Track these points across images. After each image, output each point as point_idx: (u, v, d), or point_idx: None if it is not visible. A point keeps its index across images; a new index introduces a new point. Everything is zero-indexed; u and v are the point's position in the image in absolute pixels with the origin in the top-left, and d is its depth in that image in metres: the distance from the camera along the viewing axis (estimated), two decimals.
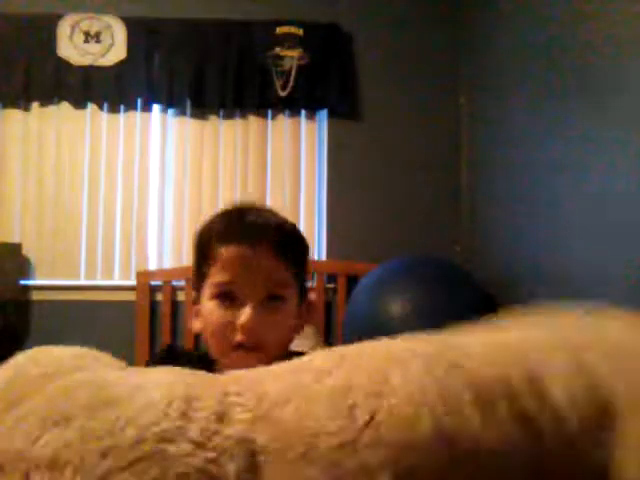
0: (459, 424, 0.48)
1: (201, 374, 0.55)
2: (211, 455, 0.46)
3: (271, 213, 0.96)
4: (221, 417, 0.48)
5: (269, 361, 0.59)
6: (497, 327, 0.65)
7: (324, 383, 0.51)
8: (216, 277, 0.88)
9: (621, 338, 0.60)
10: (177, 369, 0.56)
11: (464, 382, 0.51)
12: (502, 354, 0.57)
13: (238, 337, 0.85)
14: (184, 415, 0.48)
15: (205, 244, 0.91)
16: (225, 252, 0.88)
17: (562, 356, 0.56)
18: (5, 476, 0.46)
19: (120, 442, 0.46)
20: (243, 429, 0.47)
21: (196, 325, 0.93)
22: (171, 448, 0.45)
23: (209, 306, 0.88)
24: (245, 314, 0.85)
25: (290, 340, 0.94)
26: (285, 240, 0.91)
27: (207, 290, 0.89)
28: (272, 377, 0.53)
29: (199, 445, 0.46)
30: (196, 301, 0.93)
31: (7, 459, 0.47)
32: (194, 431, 0.47)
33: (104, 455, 0.45)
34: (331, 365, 0.54)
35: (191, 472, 0.45)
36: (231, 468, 0.46)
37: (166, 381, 0.52)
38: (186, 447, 0.46)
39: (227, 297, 0.87)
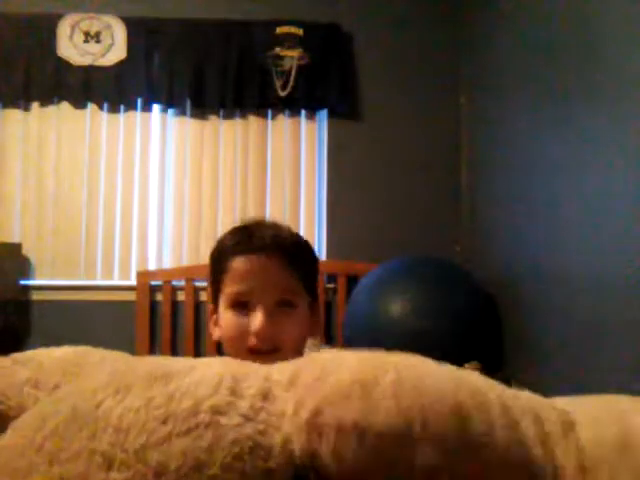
0: None
1: (245, 362, 0.61)
2: (260, 427, 0.51)
3: (280, 227, 1.02)
4: (266, 396, 0.53)
5: None
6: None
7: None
8: (230, 288, 0.96)
9: None
10: (225, 358, 0.62)
11: None
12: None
13: (252, 341, 0.92)
14: (233, 392, 0.53)
15: (219, 258, 1.00)
16: (236, 264, 0.96)
17: None
18: (76, 432, 0.52)
19: (177, 411, 0.51)
20: (285, 406, 0.52)
21: (216, 333, 1.01)
22: (223, 419, 0.51)
23: (226, 316, 0.96)
24: (257, 320, 0.92)
25: (304, 343, 0.99)
26: (293, 251, 0.97)
27: (223, 301, 0.97)
28: (308, 361, 0.58)
29: (248, 418, 0.51)
30: (214, 311, 1.01)
31: (75, 419, 0.53)
32: (243, 407, 0.52)
33: (164, 421, 0.50)
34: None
35: (243, 439, 0.50)
36: (278, 439, 0.50)
37: (216, 364, 0.58)
38: (237, 419, 0.51)
39: (241, 306, 0.94)
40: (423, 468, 0.47)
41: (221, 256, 0.99)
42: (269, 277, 0.94)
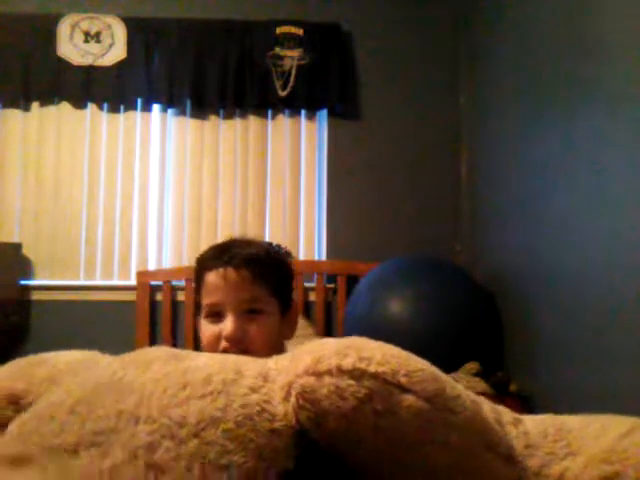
0: None
1: (244, 356, 0.71)
2: (264, 397, 0.59)
3: (251, 243, 1.14)
4: (265, 377, 0.62)
5: None
6: None
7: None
8: (205, 300, 1.09)
9: None
10: (225, 354, 0.73)
11: None
12: None
13: (224, 345, 1.03)
14: (237, 372, 0.62)
15: (197, 273, 1.15)
16: (210, 278, 1.09)
17: None
18: (103, 398, 0.60)
19: (193, 380, 0.60)
20: (282, 385, 0.60)
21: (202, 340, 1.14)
22: (232, 389, 0.59)
23: (203, 324, 1.10)
24: (227, 326, 1.03)
25: (277, 345, 1.09)
26: (260, 264, 1.08)
27: (202, 312, 1.10)
28: (295, 354, 0.67)
29: (253, 390, 0.60)
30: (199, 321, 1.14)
31: (100, 389, 0.62)
32: (247, 381, 0.61)
33: (184, 387, 0.59)
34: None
35: (251, 404, 0.58)
36: (281, 409, 0.58)
37: (219, 355, 0.70)
38: (244, 390, 0.59)
39: (216, 315, 1.07)
40: (409, 412, 0.55)
41: (198, 271, 1.14)
42: (237, 288, 1.06)
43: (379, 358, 0.58)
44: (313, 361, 0.58)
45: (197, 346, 2.93)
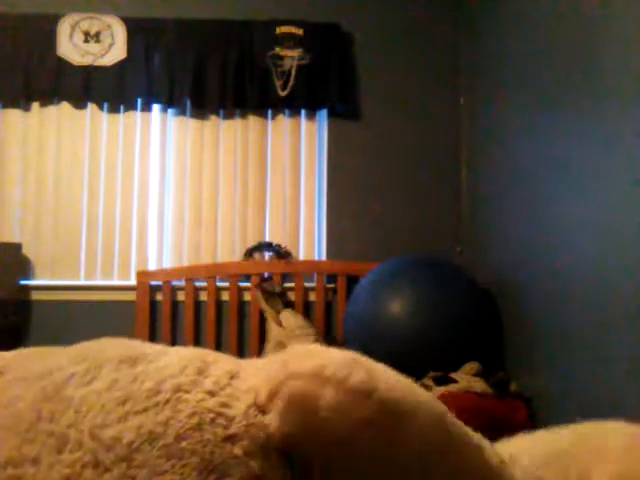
0: None
1: (219, 353, 0.66)
2: (223, 399, 0.55)
3: None
4: (234, 375, 0.58)
5: None
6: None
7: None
8: None
9: None
10: (200, 349, 0.67)
11: None
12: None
13: None
14: (200, 372, 0.57)
15: None
16: None
17: None
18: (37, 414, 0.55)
19: (138, 392, 0.54)
20: (252, 383, 0.57)
21: None
22: (185, 396, 0.54)
23: None
24: None
25: None
26: None
27: None
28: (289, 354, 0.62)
29: (212, 394, 0.55)
30: None
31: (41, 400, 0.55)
32: (208, 384, 0.56)
33: (124, 401, 0.54)
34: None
35: (203, 411, 0.53)
36: (241, 406, 0.55)
37: (187, 351, 0.63)
38: (200, 395, 0.55)
39: None
40: (407, 448, 0.52)
41: None
42: None
43: (387, 382, 0.53)
44: (316, 367, 0.53)
45: (197, 345, 2.93)
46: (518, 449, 0.70)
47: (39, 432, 0.52)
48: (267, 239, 3.06)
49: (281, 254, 3.02)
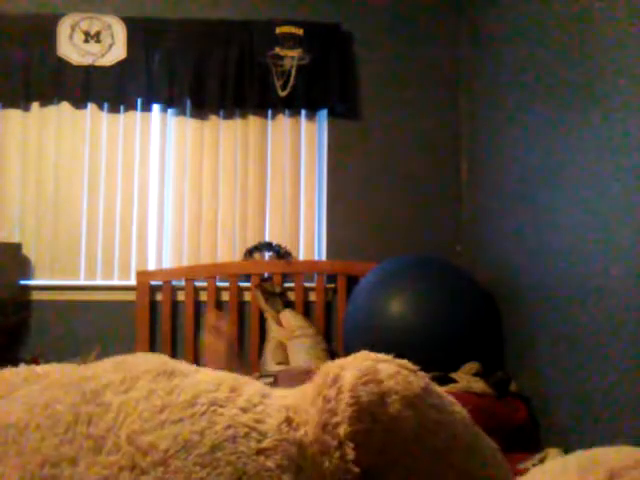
0: None
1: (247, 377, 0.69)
2: (257, 416, 0.57)
3: None
4: (265, 395, 0.60)
5: None
6: None
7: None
8: None
9: None
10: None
11: None
12: None
13: None
14: (234, 390, 0.59)
15: None
16: None
17: None
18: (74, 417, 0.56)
19: (176, 402, 0.56)
20: (283, 402, 0.60)
21: None
22: (220, 410, 0.56)
23: None
24: None
25: None
26: None
27: None
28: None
29: (245, 410, 0.57)
30: None
31: (78, 404, 0.57)
32: (241, 401, 0.58)
33: (162, 410, 0.55)
34: None
35: (237, 425, 0.55)
36: (273, 422, 0.57)
37: (220, 372, 0.66)
38: (234, 411, 0.57)
39: None
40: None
41: None
42: None
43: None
44: (363, 357, 0.59)
45: (197, 346, 2.94)
46: None
47: (77, 434, 0.53)
48: (267, 239, 3.06)
49: (281, 254, 3.02)
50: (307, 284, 3.02)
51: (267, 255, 3.05)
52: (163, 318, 2.96)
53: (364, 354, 0.60)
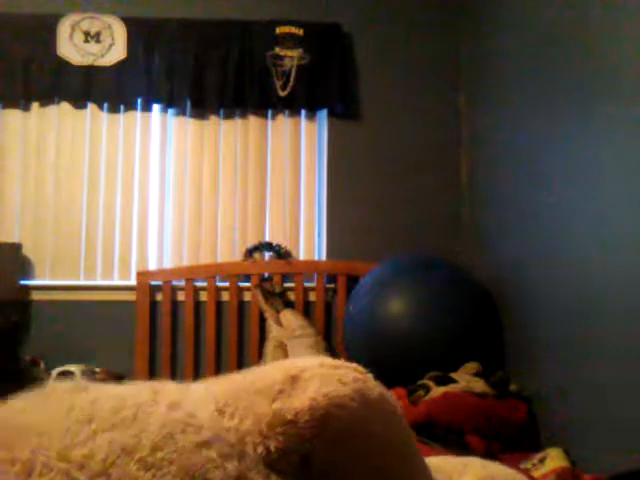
0: None
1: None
2: (187, 411, 0.57)
3: None
4: (186, 390, 0.62)
5: None
6: None
7: None
8: None
9: None
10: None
11: None
12: None
13: None
14: (155, 392, 0.59)
15: None
16: None
17: None
18: None
19: (100, 411, 0.55)
20: (206, 393, 0.61)
21: None
22: (150, 410, 0.56)
23: None
24: None
25: None
26: None
27: None
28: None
29: (174, 407, 0.57)
30: None
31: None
32: (167, 400, 0.58)
33: (90, 420, 0.54)
34: None
35: (170, 422, 0.55)
36: (204, 414, 0.57)
37: (145, 383, 0.66)
38: (163, 409, 0.56)
39: None
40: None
41: None
42: None
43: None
44: (321, 362, 0.63)
45: (197, 346, 2.94)
46: None
47: (1, 461, 0.50)
48: (267, 239, 3.06)
49: (281, 254, 3.02)
50: (307, 284, 3.02)
51: (267, 255, 3.05)
52: (163, 318, 2.96)
53: (322, 359, 0.63)
